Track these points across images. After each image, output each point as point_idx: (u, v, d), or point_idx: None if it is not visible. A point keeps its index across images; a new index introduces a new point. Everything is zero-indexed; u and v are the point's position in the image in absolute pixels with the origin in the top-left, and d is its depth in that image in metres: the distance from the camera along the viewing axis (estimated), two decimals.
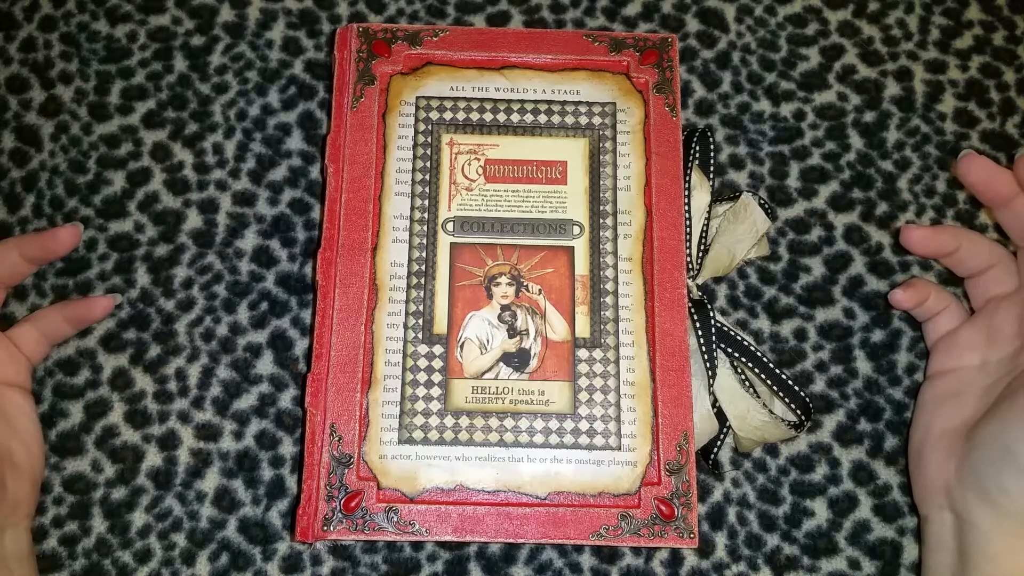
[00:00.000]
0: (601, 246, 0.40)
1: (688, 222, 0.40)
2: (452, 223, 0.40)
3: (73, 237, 0.40)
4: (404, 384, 0.38)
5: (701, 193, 0.41)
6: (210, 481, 0.40)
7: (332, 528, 0.35)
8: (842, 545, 0.40)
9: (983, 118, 0.46)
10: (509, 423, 0.37)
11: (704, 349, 0.38)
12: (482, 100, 0.42)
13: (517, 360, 0.38)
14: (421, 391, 0.38)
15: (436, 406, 0.37)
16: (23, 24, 0.47)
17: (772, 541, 0.40)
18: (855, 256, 0.44)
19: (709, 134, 0.42)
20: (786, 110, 0.46)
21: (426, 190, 0.40)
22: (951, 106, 0.46)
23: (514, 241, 0.40)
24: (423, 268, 0.39)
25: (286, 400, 0.41)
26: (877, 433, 0.41)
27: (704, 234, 0.41)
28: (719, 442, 0.39)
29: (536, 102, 0.42)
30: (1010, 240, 0.39)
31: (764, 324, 0.43)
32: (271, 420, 0.41)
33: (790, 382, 0.39)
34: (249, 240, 0.43)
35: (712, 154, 0.42)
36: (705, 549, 0.39)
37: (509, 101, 0.42)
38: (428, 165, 0.41)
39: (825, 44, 0.47)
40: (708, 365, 0.38)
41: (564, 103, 0.42)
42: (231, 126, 0.45)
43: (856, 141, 0.46)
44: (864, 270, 0.44)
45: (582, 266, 0.39)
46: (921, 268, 0.44)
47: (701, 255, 0.41)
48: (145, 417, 0.40)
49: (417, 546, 0.39)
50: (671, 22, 0.47)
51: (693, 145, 0.42)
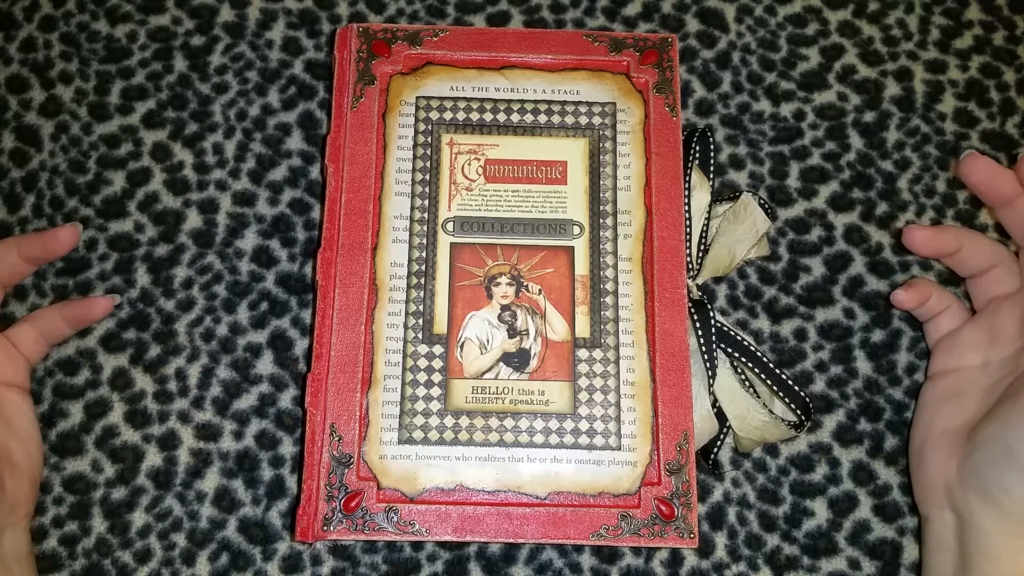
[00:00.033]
0: (601, 246, 0.40)
1: (688, 222, 0.40)
2: (452, 223, 0.40)
3: (72, 237, 0.40)
4: (404, 384, 0.38)
5: (701, 193, 0.41)
6: (210, 481, 0.40)
7: (332, 528, 0.35)
8: (842, 545, 0.40)
9: (983, 118, 0.46)
10: (509, 423, 0.37)
11: (704, 349, 0.38)
12: (482, 100, 0.42)
13: (517, 360, 0.38)
14: (421, 391, 0.38)
15: (436, 406, 0.37)
16: (23, 24, 0.47)
17: (772, 541, 0.40)
18: (855, 256, 0.44)
19: (709, 134, 0.42)
20: (786, 110, 0.46)
21: (426, 190, 0.40)
22: (951, 106, 0.46)
23: (514, 241, 0.40)
24: (423, 268, 0.39)
25: (286, 400, 0.41)
26: (877, 433, 0.41)
27: (704, 234, 0.41)
28: (719, 442, 0.39)
29: (536, 102, 0.42)
30: (1011, 240, 0.39)
31: (764, 324, 0.43)
32: (271, 420, 0.41)
33: (790, 382, 0.39)
34: (249, 240, 0.43)
35: (712, 154, 0.42)
36: (705, 549, 0.39)
37: (509, 101, 0.42)
38: (428, 165, 0.41)
39: (825, 44, 0.47)
40: (708, 365, 0.38)
41: (564, 103, 0.42)
42: (231, 126, 0.45)
43: (856, 141, 0.46)
44: (864, 270, 0.44)
45: (582, 266, 0.39)
46: (921, 268, 0.44)
47: (701, 255, 0.41)
48: (145, 417, 0.40)
49: (417, 546, 0.39)
50: (671, 22, 0.47)
51: (693, 145, 0.42)
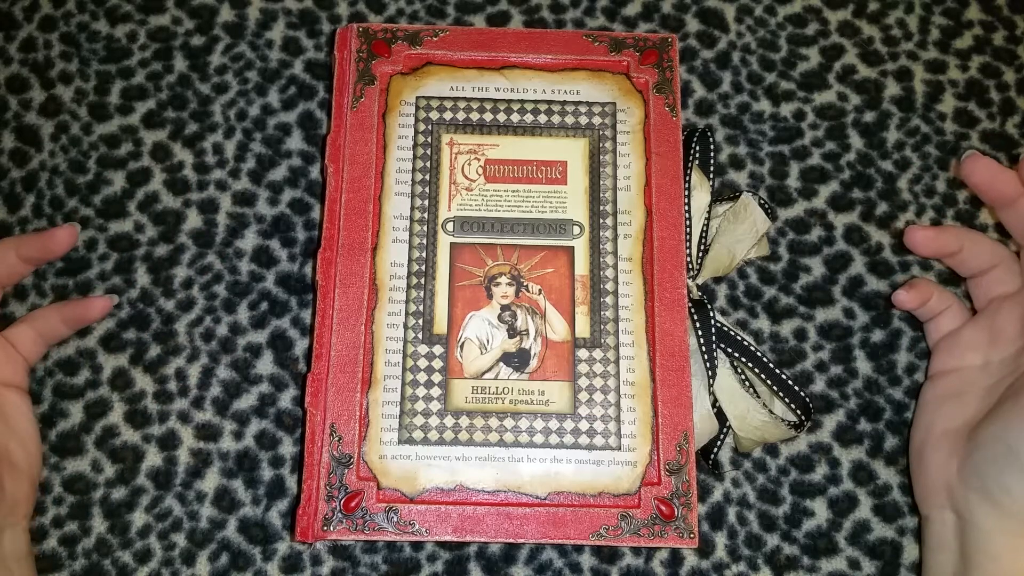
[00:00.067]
0: (601, 246, 0.40)
1: (688, 222, 0.40)
2: (452, 223, 0.40)
3: (70, 237, 0.40)
4: (404, 384, 0.38)
5: (701, 193, 0.41)
6: (210, 481, 0.40)
7: (332, 528, 0.35)
8: (842, 545, 0.40)
9: (983, 118, 0.46)
10: (509, 423, 0.37)
11: (704, 349, 0.38)
12: (482, 100, 0.42)
13: (517, 360, 0.38)
14: (421, 391, 0.38)
15: (436, 406, 0.37)
16: (23, 24, 0.47)
17: (772, 541, 0.40)
18: (855, 256, 0.44)
19: (709, 134, 0.42)
20: (786, 110, 0.46)
21: (426, 190, 0.40)
22: (951, 106, 0.46)
23: (514, 241, 0.40)
24: (423, 268, 0.39)
25: (286, 400, 0.41)
26: (877, 433, 0.41)
27: (704, 234, 0.41)
28: (719, 442, 0.39)
29: (536, 102, 0.42)
30: (1012, 240, 0.39)
31: (764, 324, 0.43)
32: (271, 420, 0.41)
33: (790, 382, 0.39)
34: (249, 240, 0.43)
35: (712, 154, 0.42)
36: (705, 549, 0.39)
37: (509, 101, 0.42)
38: (428, 165, 0.41)
39: (825, 44, 0.47)
40: (708, 365, 0.38)
41: (564, 103, 0.42)
42: (231, 126, 0.45)
43: (856, 141, 0.46)
44: (864, 270, 0.44)
45: (582, 266, 0.39)
46: (921, 268, 0.44)
47: (701, 255, 0.41)
48: (145, 417, 0.40)
49: (417, 546, 0.39)
50: (671, 22, 0.47)
51: (693, 145, 0.42)
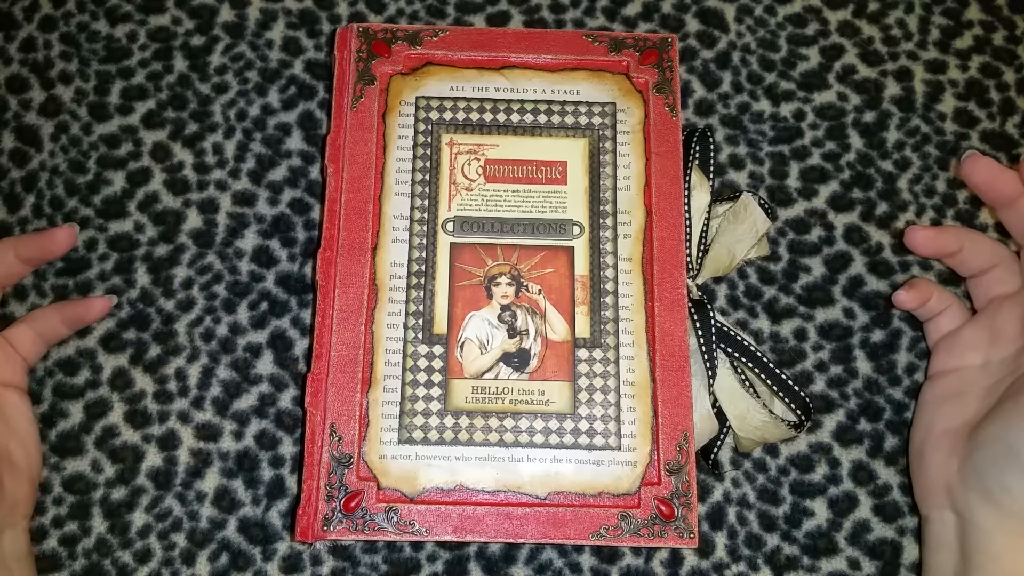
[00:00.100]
0: (601, 246, 0.40)
1: (688, 222, 0.40)
2: (452, 223, 0.40)
3: (69, 238, 0.40)
4: (404, 384, 0.38)
5: (701, 193, 0.41)
6: (210, 481, 0.40)
7: (332, 528, 0.35)
8: (842, 545, 0.40)
9: (983, 118, 0.46)
10: (509, 423, 0.37)
11: (704, 349, 0.38)
12: (482, 100, 0.42)
13: (517, 360, 0.38)
14: (421, 391, 0.38)
15: (436, 406, 0.37)
16: (23, 24, 0.47)
17: (772, 541, 0.40)
18: (855, 256, 0.44)
19: (709, 134, 0.42)
20: (786, 110, 0.46)
21: (426, 190, 0.40)
22: (951, 106, 0.46)
23: (514, 241, 0.40)
24: (423, 268, 0.39)
25: (286, 400, 0.41)
26: (877, 433, 0.41)
27: (704, 234, 0.41)
28: (719, 442, 0.39)
29: (536, 102, 0.42)
30: (1012, 239, 0.39)
31: (764, 324, 0.43)
32: (271, 420, 0.41)
33: (790, 382, 0.39)
34: (249, 240, 0.43)
35: (712, 154, 0.42)
36: (705, 549, 0.39)
37: (509, 101, 0.42)
38: (428, 165, 0.41)
39: (825, 44, 0.47)
40: (708, 365, 0.38)
41: (564, 103, 0.42)
42: (231, 126, 0.45)
43: (856, 141, 0.46)
44: (864, 270, 0.44)
45: (582, 266, 0.39)
46: (921, 268, 0.44)
47: (701, 255, 0.41)
48: (145, 417, 0.40)
49: (417, 546, 0.39)
50: (671, 22, 0.47)
51: (693, 145, 0.42)
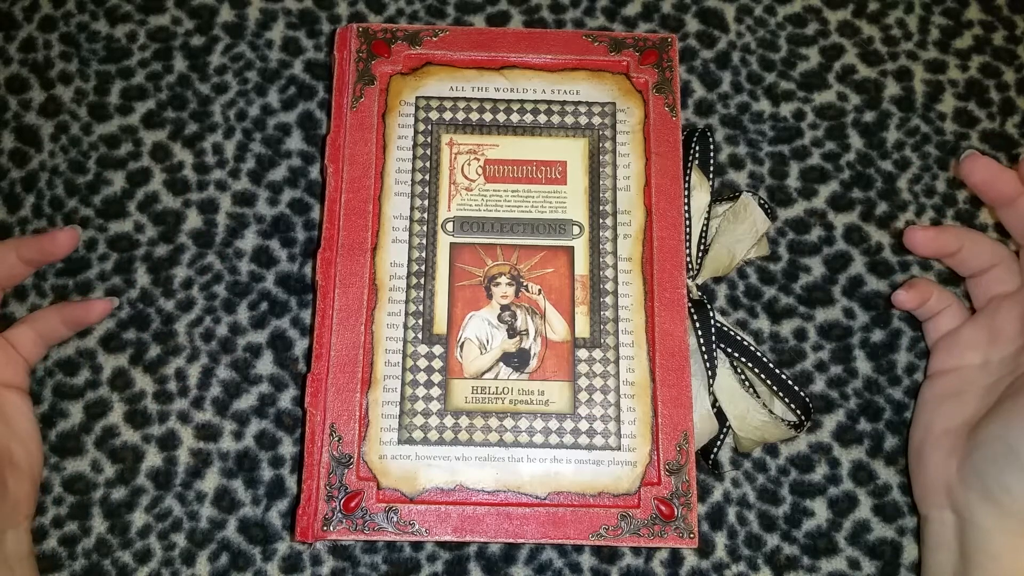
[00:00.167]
0: (601, 246, 0.40)
1: (688, 222, 0.40)
2: (452, 223, 0.40)
3: (71, 240, 0.40)
4: (404, 384, 0.38)
5: (701, 193, 0.41)
6: (210, 481, 0.40)
7: (332, 528, 0.35)
8: (842, 545, 0.40)
9: (983, 118, 0.46)
10: (509, 423, 0.37)
11: (704, 349, 0.38)
12: (482, 100, 0.42)
13: (517, 360, 0.38)
14: (421, 391, 0.38)
15: (436, 406, 0.37)
16: (23, 24, 0.47)
17: (772, 541, 0.40)
18: (855, 256, 0.44)
19: (709, 134, 0.42)
20: (786, 110, 0.46)
21: (426, 190, 0.40)
22: (951, 106, 0.46)
23: (514, 241, 0.40)
24: (423, 268, 0.39)
25: (286, 400, 0.41)
26: (877, 433, 0.41)
27: (704, 234, 0.41)
28: (719, 442, 0.39)
29: (536, 102, 0.42)
30: (1011, 239, 0.39)
31: (764, 324, 0.43)
32: (271, 420, 0.41)
33: (790, 382, 0.39)
34: (249, 240, 0.43)
35: (712, 154, 0.42)
36: (705, 549, 0.39)
37: (509, 101, 0.42)
38: (428, 165, 0.41)
39: (825, 44, 0.47)
40: (708, 365, 0.38)
41: (564, 103, 0.42)
42: (231, 126, 0.45)
43: (856, 141, 0.46)
44: (864, 270, 0.44)
45: (582, 266, 0.39)
46: (921, 268, 0.44)
47: (701, 255, 0.41)
48: (145, 417, 0.40)
49: (417, 546, 0.39)
50: (671, 22, 0.47)
51: (693, 145, 0.42)
